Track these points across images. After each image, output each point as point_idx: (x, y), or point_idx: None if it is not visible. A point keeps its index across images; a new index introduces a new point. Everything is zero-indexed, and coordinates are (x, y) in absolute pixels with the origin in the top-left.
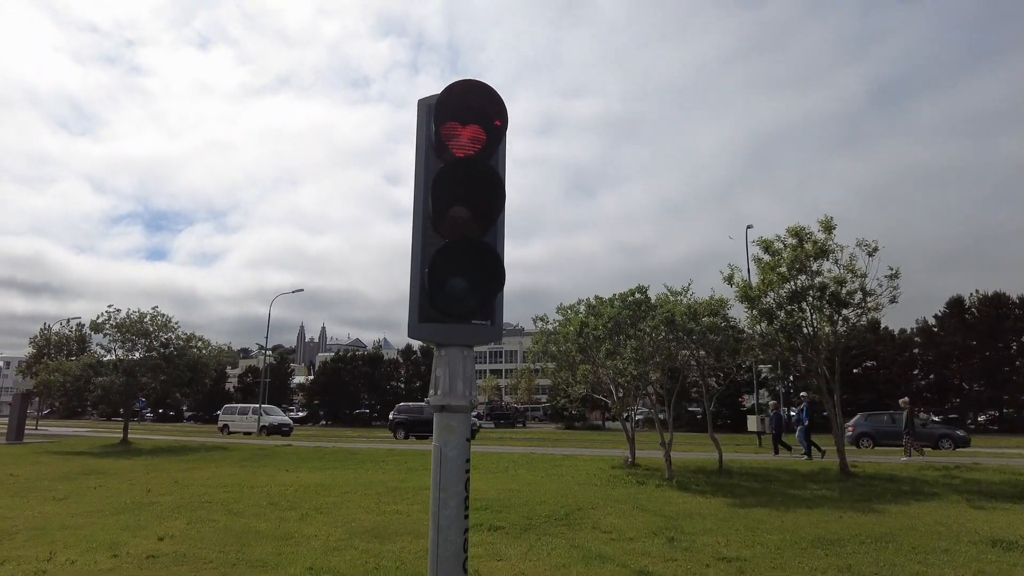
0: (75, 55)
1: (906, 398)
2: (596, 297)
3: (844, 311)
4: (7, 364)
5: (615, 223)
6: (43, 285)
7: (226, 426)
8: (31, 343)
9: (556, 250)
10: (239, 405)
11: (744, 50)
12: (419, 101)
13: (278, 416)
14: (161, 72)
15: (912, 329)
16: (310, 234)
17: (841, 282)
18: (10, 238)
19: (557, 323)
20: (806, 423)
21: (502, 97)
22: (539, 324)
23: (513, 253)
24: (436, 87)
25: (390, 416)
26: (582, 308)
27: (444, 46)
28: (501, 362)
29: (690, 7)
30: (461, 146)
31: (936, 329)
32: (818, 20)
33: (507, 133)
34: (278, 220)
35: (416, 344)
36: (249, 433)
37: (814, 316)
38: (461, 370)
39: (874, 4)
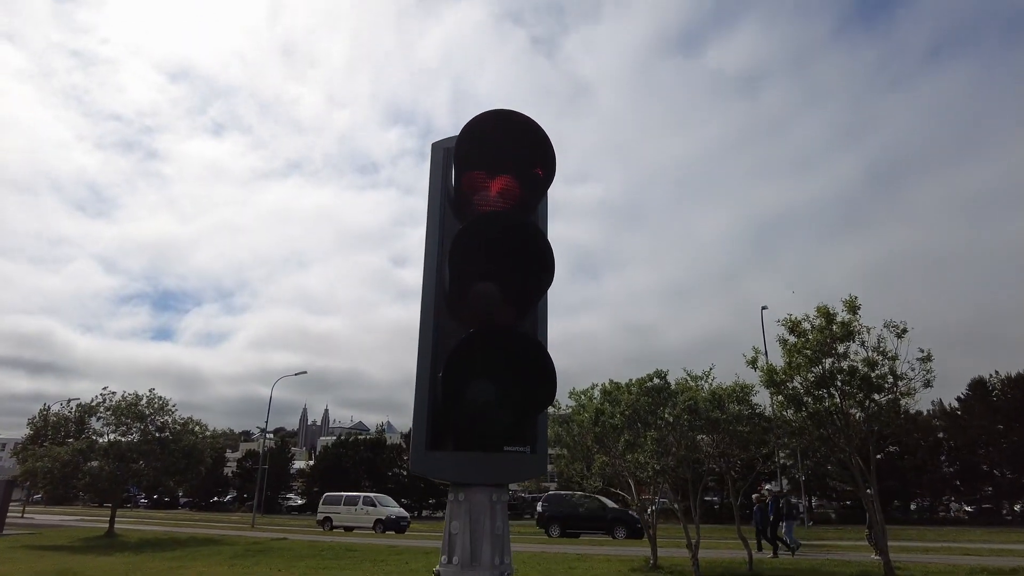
0: (97, 142)
1: (765, 488)
2: (611, 382)
3: (876, 396)
4: (3, 446)
5: (621, 305)
6: (48, 364)
7: (328, 519)
8: (29, 424)
9: (562, 331)
10: (345, 494)
11: (742, 139)
12: (433, 145)
13: (394, 508)
14: (176, 157)
15: (930, 411)
16: (316, 315)
17: (872, 365)
18: (21, 317)
19: (570, 408)
20: (771, 518)
21: (547, 135)
22: (551, 411)
23: None
24: None
25: (538, 508)
26: (597, 393)
27: (451, 132)
28: None
29: (688, 99)
30: (489, 201)
31: (960, 412)
32: (812, 110)
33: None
34: (285, 301)
35: None
36: (350, 528)
37: (844, 402)
38: (488, 525)
39: (865, 94)
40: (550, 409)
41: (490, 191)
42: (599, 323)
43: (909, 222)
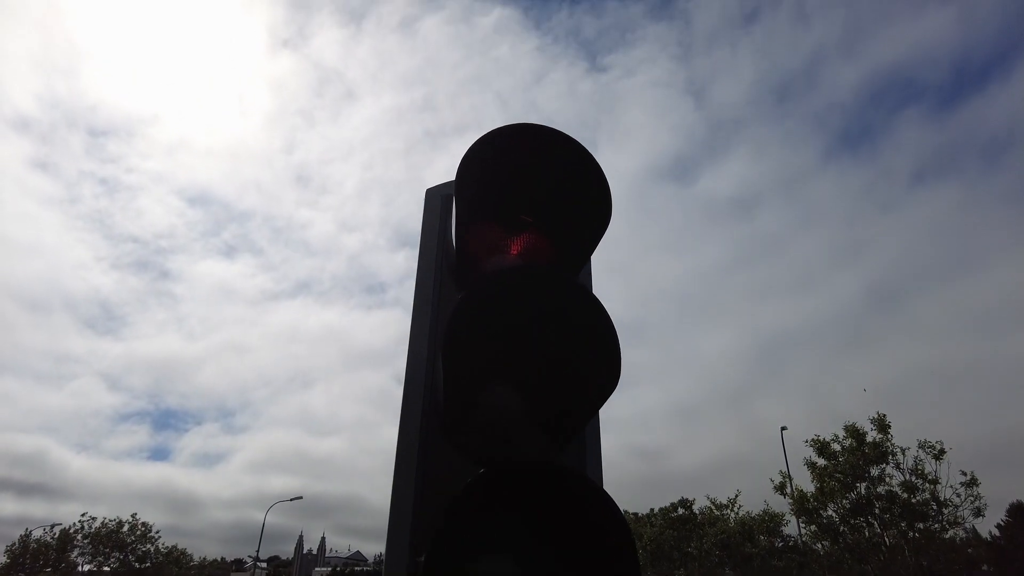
0: (114, 263)
1: None
2: (628, 513)
3: (920, 524)
4: None
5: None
6: (38, 485)
7: None
8: (7, 552)
9: None
10: None
11: (740, 259)
12: (428, 192)
13: None
14: (188, 277)
15: (962, 539)
16: (316, 436)
17: (911, 489)
18: (17, 435)
19: None
20: None
21: (594, 158)
22: None
23: None
24: None
25: None
26: None
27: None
28: None
29: (685, 222)
30: (506, 264)
31: (1002, 542)
32: (807, 231)
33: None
34: (286, 422)
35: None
36: None
37: (885, 532)
38: None
39: (857, 215)
40: None
41: (508, 249)
42: (607, 446)
43: (917, 339)
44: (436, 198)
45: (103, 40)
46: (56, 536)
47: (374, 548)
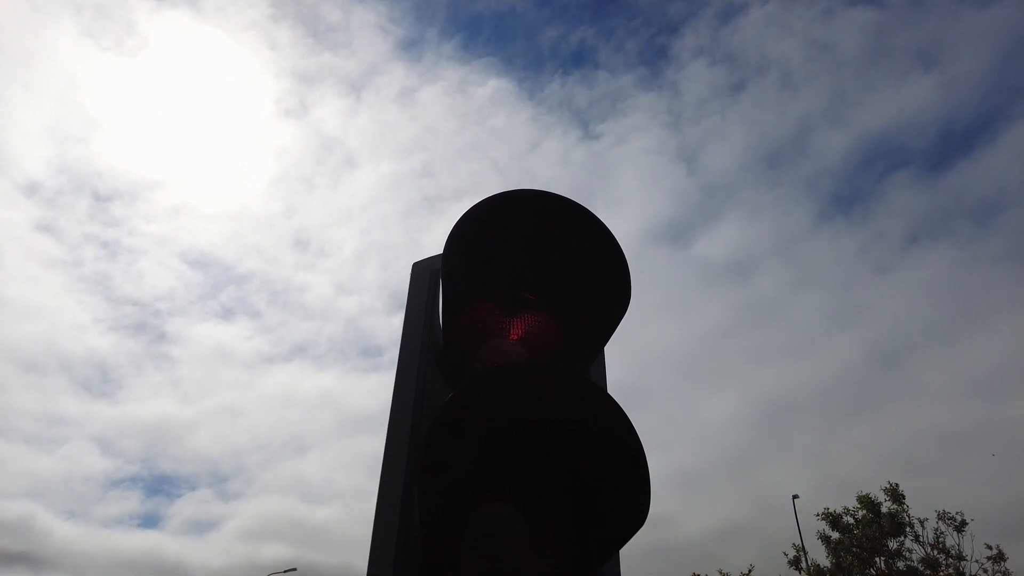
0: (112, 325)
1: None
2: None
3: None
4: None
5: None
6: (21, 554)
7: None
8: None
9: None
10: None
11: (738, 323)
12: (415, 266)
13: None
14: (185, 340)
15: None
16: (310, 504)
17: (934, 565)
18: (4, 501)
19: None
20: None
21: (611, 233)
22: None
23: None
24: None
25: None
26: None
27: None
28: None
29: (681, 285)
30: (504, 351)
31: None
32: (804, 294)
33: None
34: (279, 488)
35: None
36: None
37: None
38: None
39: (854, 278)
40: None
41: (506, 333)
42: None
43: (920, 402)
44: (423, 273)
45: (114, 110)
46: None
47: None
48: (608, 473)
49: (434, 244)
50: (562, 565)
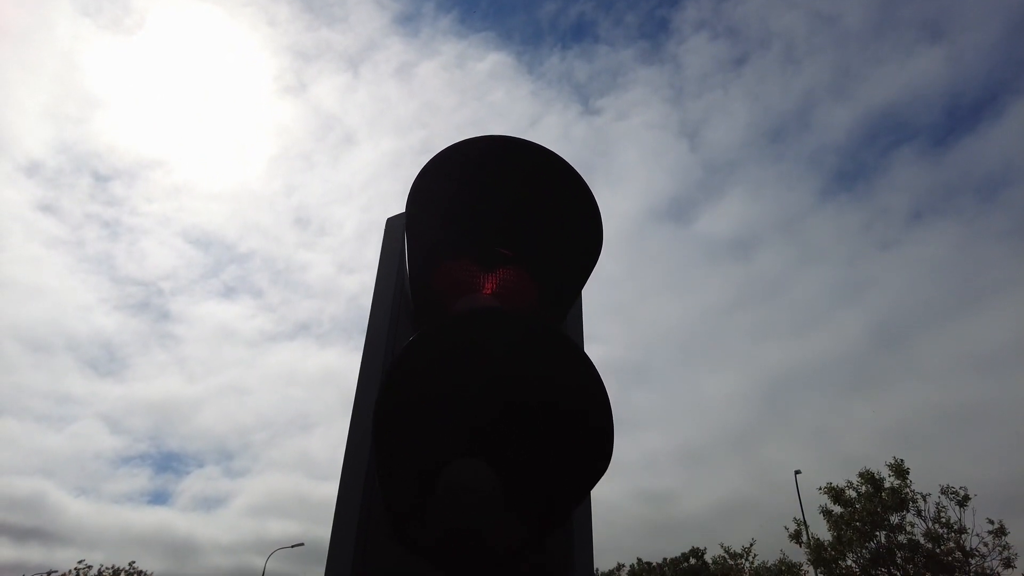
0: (117, 304)
1: None
2: (640, 561)
3: None
4: None
5: (635, 469)
6: (34, 530)
7: None
8: None
9: None
10: None
11: (741, 300)
12: (389, 221)
13: None
14: (188, 319)
15: None
16: (316, 480)
17: (936, 539)
18: (15, 478)
19: None
20: None
21: (582, 179)
22: None
23: None
24: None
25: None
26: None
27: None
28: None
29: (684, 263)
30: (478, 305)
31: None
32: (807, 271)
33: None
34: (286, 465)
35: None
36: None
37: None
38: None
39: (857, 254)
40: None
41: (480, 290)
42: (613, 490)
43: (922, 379)
44: (398, 229)
45: (113, 89)
46: None
47: None
48: (574, 419)
49: None
50: (534, 517)
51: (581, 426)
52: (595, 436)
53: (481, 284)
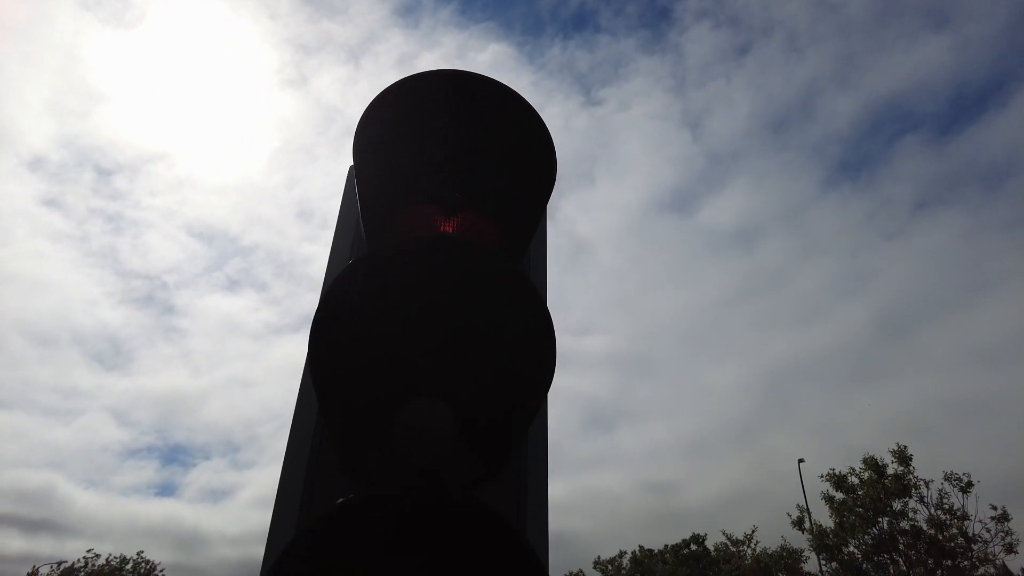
0: (123, 298)
1: None
2: (641, 548)
3: (947, 562)
4: None
5: (638, 460)
6: (44, 522)
7: None
8: None
9: (578, 489)
10: None
11: (744, 291)
12: (349, 169)
13: None
14: (193, 312)
15: None
16: None
17: (939, 525)
18: (24, 471)
19: None
20: None
21: (535, 111)
22: None
23: None
24: None
25: None
26: (626, 563)
27: None
28: None
29: (687, 254)
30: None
31: None
32: (810, 262)
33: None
34: None
35: None
36: None
37: (911, 570)
38: None
39: (861, 244)
40: None
41: (436, 229)
42: (617, 480)
43: (926, 370)
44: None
45: (114, 84)
46: (61, 574)
47: None
48: (515, 336)
49: None
50: (488, 448)
51: (524, 343)
52: (536, 350)
53: (437, 229)
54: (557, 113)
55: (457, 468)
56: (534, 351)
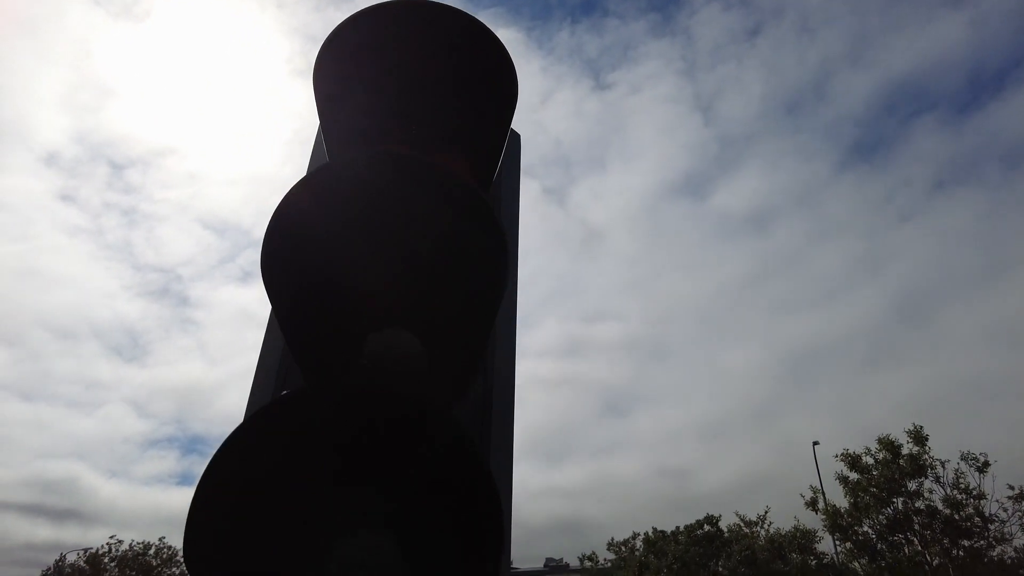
0: (139, 291)
1: None
2: (655, 530)
3: (964, 542)
4: None
5: (654, 445)
6: (70, 511)
7: None
8: None
9: (594, 474)
10: None
11: (759, 274)
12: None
13: None
14: (208, 304)
15: (1012, 559)
16: None
17: (955, 505)
18: (49, 461)
19: (609, 563)
20: None
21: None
22: (587, 564)
23: (547, 477)
24: None
25: None
26: (639, 544)
27: None
28: None
29: (700, 238)
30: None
31: None
32: (824, 245)
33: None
34: None
35: None
36: None
37: (927, 550)
38: None
39: (877, 226)
40: (584, 563)
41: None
42: (632, 466)
43: (948, 351)
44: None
45: (125, 78)
46: (87, 560)
47: None
48: (464, 251)
49: None
50: (454, 371)
51: (478, 264)
52: (485, 261)
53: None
54: (567, 98)
55: (427, 392)
56: (486, 266)
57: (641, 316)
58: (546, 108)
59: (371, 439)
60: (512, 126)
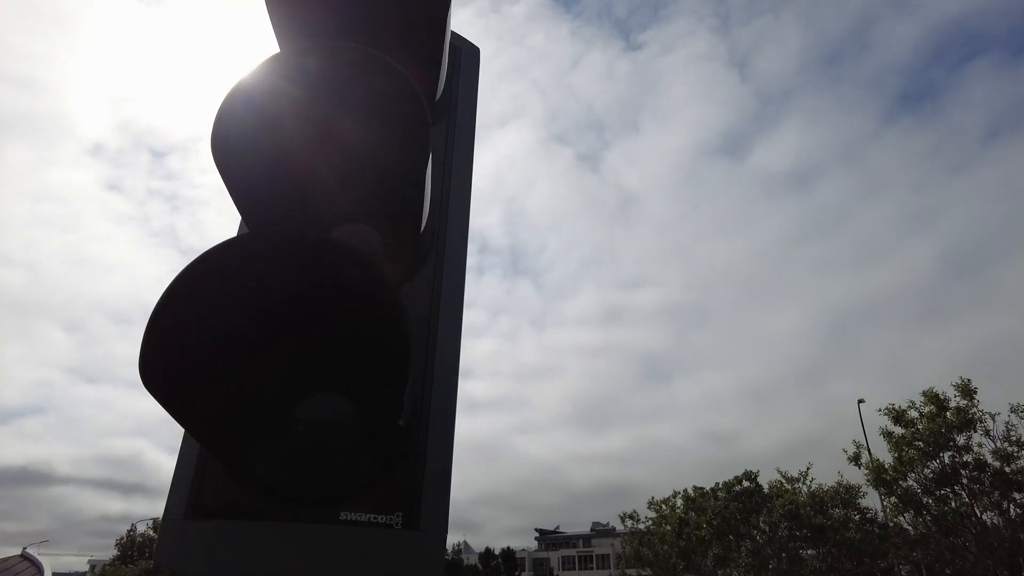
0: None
1: None
2: (695, 488)
3: (1016, 495)
4: (92, 568)
5: (697, 410)
6: (137, 485)
7: None
8: (116, 545)
9: (638, 440)
10: None
11: (802, 234)
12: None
13: None
14: None
15: None
16: None
17: (1006, 458)
18: (117, 439)
19: (650, 521)
20: None
21: None
22: (628, 523)
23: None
24: (499, 285)
25: None
26: (679, 502)
27: (506, 250)
28: (592, 568)
29: (740, 199)
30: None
31: None
32: (872, 200)
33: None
34: None
35: (498, 547)
36: None
37: (976, 503)
38: None
39: (926, 180)
40: (626, 522)
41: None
42: (676, 431)
43: (999, 308)
44: None
45: (160, 65)
46: (154, 529)
47: (451, 538)
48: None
49: (483, 182)
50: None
51: (400, 134)
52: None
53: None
54: (598, 61)
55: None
56: (408, 135)
57: (681, 281)
58: (576, 72)
59: (307, 285)
60: (489, 52)
